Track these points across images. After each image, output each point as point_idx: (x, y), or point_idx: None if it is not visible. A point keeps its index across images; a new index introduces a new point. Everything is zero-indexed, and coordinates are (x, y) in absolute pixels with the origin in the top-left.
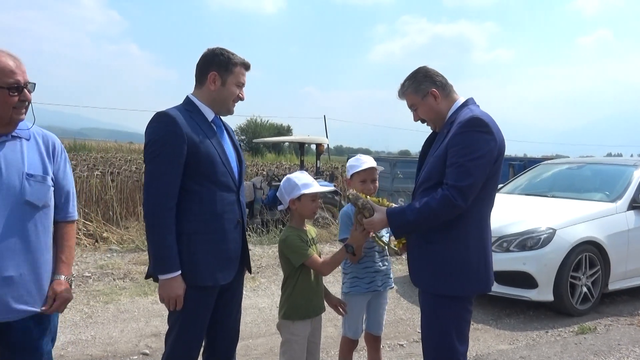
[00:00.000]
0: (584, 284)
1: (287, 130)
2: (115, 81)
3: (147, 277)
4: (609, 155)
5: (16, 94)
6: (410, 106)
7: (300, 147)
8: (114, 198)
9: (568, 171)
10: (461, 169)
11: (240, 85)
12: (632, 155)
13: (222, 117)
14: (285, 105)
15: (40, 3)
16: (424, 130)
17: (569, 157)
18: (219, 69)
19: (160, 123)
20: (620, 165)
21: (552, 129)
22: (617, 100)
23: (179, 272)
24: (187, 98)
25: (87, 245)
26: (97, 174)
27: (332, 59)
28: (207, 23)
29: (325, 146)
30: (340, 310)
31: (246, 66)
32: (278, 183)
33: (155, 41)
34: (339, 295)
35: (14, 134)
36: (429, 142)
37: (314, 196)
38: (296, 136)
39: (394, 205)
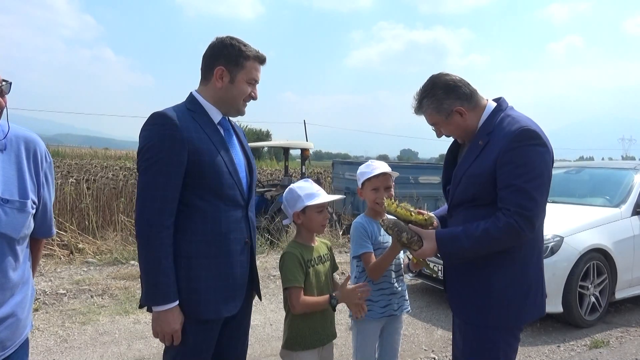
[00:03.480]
0: (592, 294)
1: (266, 136)
2: (90, 86)
3: (140, 307)
4: (581, 158)
5: None
6: (432, 124)
7: (285, 153)
8: (89, 206)
9: (566, 175)
10: (522, 194)
11: (253, 82)
12: (602, 159)
13: (231, 119)
14: (264, 110)
15: (10, 7)
16: (403, 135)
17: None
18: (227, 63)
19: (156, 125)
20: (620, 169)
21: None
22: (588, 105)
23: (177, 302)
24: (191, 95)
25: (62, 257)
26: (71, 182)
27: (310, 64)
28: (183, 28)
29: (311, 151)
30: (361, 297)
31: (260, 60)
32: (262, 189)
33: (131, 46)
34: (346, 321)
35: None
36: (454, 151)
37: (321, 207)
38: (281, 141)
39: (436, 222)
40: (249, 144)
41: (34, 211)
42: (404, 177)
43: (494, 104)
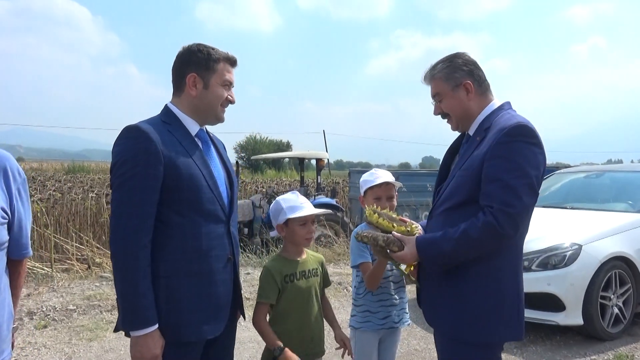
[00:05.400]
0: (614, 305)
1: (286, 146)
2: (115, 102)
3: (116, 331)
4: (610, 161)
5: None
6: (435, 95)
7: (300, 163)
8: (109, 221)
9: (586, 180)
10: (508, 190)
11: (228, 84)
12: (632, 161)
13: (209, 131)
14: (285, 121)
15: (39, 28)
16: (424, 142)
17: (569, 164)
18: (198, 68)
19: (129, 139)
20: None
21: (550, 138)
22: (614, 107)
23: (156, 326)
24: (166, 108)
25: (80, 271)
26: (92, 196)
27: (329, 74)
28: (204, 43)
29: (326, 161)
30: (345, 349)
31: (231, 61)
32: None
33: (154, 62)
34: (346, 328)
35: None
36: (452, 152)
37: (303, 220)
38: (296, 152)
39: (420, 231)
40: (267, 155)
41: (4, 221)
42: (421, 185)
43: (499, 103)
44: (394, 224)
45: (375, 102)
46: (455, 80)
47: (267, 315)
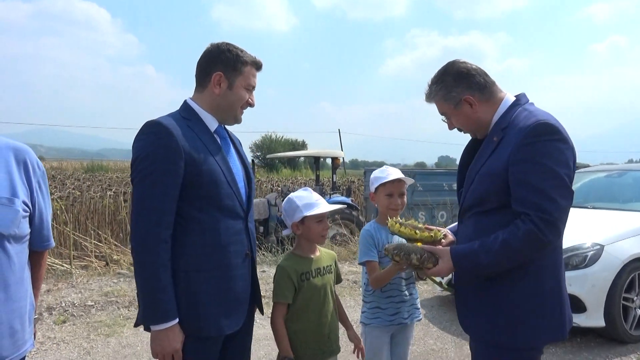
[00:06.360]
0: (637, 307)
1: (302, 146)
2: (133, 102)
3: (136, 325)
4: (631, 161)
5: None
6: (442, 114)
7: (316, 162)
8: (127, 218)
9: (607, 179)
10: (542, 195)
11: (250, 88)
12: None
13: (227, 128)
14: (300, 120)
15: (59, 30)
16: (441, 142)
17: (589, 164)
18: (225, 68)
19: (150, 135)
20: None
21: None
22: (635, 106)
23: (176, 320)
24: (185, 103)
25: (98, 268)
26: (110, 194)
27: (345, 73)
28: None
29: (341, 160)
30: (357, 352)
31: (257, 66)
32: None
33: (171, 63)
34: (357, 325)
35: None
36: (470, 150)
37: (320, 217)
38: (311, 150)
39: (445, 233)
40: (282, 154)
41: (26, 214)
42: (438, 184)
43: (513, 99)
44: (417, 231)
45: (391, 101)
46: (454, 99)
47: (285, 315)
